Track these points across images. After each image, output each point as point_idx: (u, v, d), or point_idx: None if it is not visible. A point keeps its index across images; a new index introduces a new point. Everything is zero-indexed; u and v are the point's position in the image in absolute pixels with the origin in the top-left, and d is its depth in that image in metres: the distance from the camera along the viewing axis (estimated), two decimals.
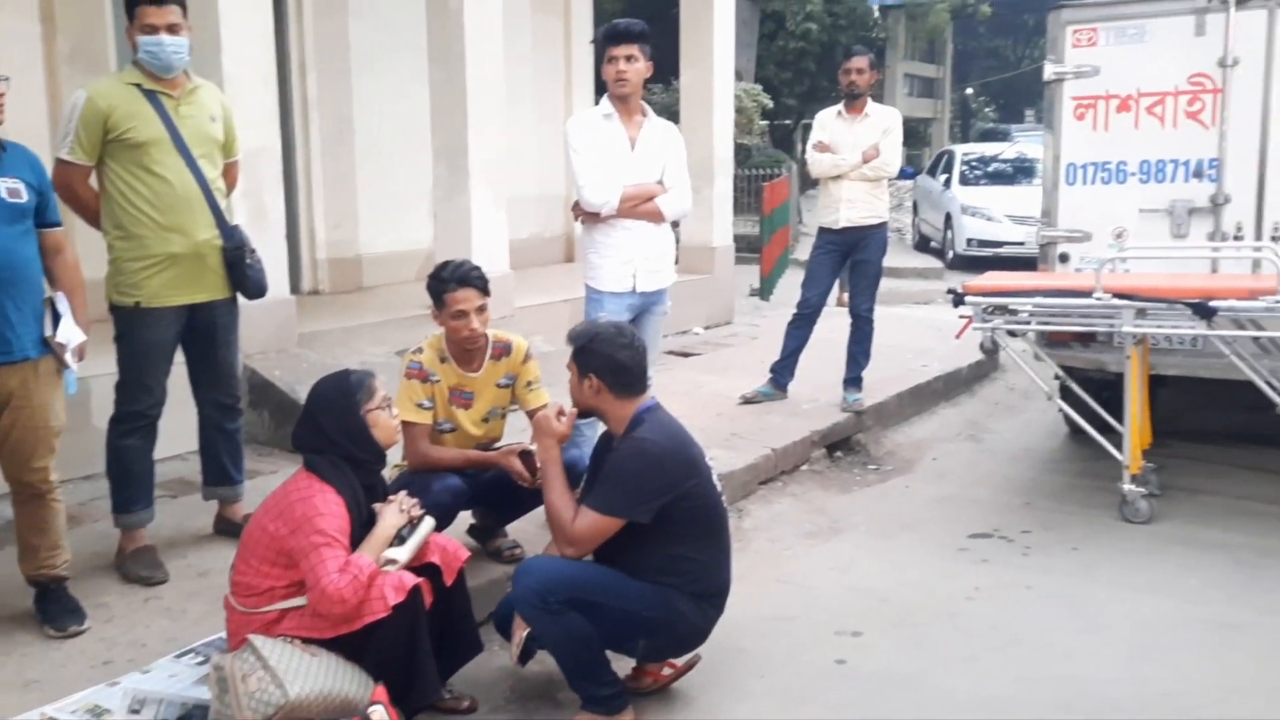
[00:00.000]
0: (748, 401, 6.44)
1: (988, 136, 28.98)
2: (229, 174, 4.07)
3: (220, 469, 4.18)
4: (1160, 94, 5.32)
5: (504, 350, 3.89)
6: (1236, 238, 5.23)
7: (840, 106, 6.37)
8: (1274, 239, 5.09)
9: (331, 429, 3.00)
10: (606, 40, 4.35)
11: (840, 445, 6.11)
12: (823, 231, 6.43)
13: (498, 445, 3.96)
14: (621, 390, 3.21)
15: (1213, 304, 4.46)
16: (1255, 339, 4.80)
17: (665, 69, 11.05)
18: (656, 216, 4.50)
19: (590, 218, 4.47)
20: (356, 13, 7.98)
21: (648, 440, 3.14)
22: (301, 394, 3.97)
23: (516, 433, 4.10)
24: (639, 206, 4.44)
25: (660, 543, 3.12)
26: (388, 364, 5.59)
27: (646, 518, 3.08)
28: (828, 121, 6.42)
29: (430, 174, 6.95)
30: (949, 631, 3.84)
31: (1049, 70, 5.57)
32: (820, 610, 4.02)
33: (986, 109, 40.49)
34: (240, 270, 3.93)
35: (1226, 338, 4.65)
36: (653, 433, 3.16)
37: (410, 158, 7.88)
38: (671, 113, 10.07)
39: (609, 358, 3.19)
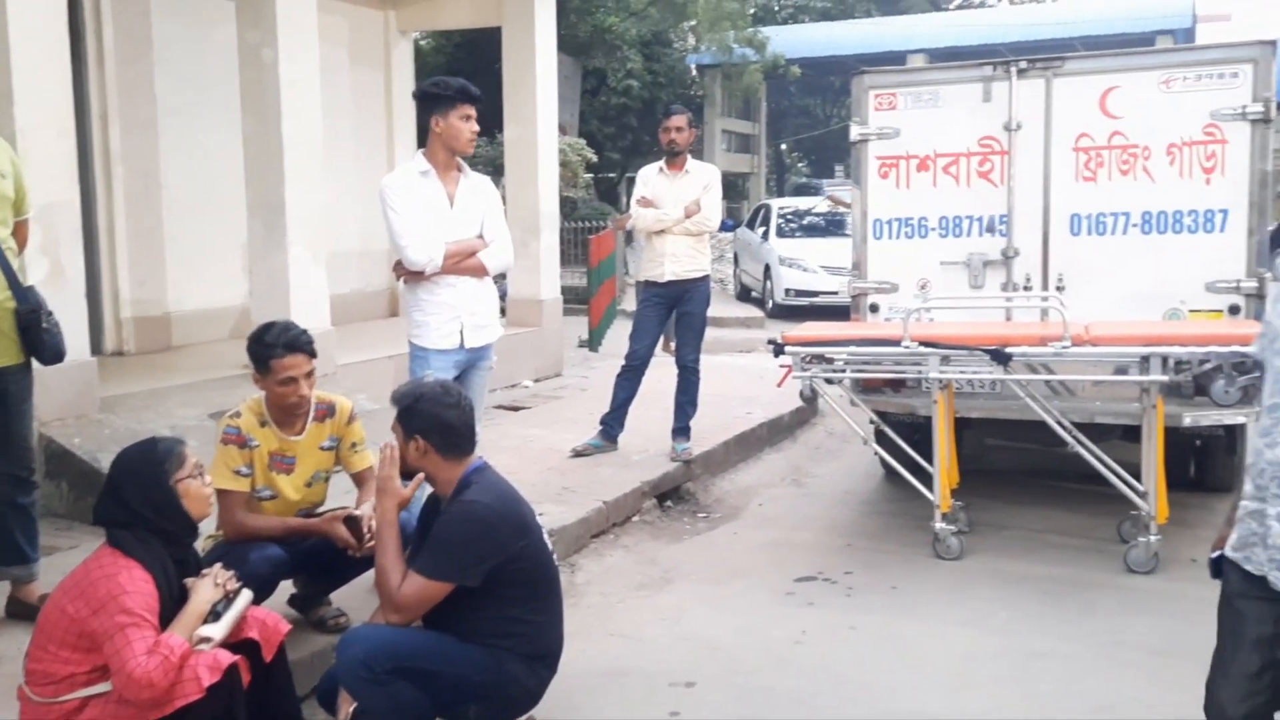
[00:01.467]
0: (578, 454, 6.46)
1: (801, 191, 30.21)
2: (19, 232, 3.84)
3: (12, 546, 3.86)
4: (955, 155, 5.70)
5: (327, 411, 3.78)
6: (1026, 288, 5.63)
7: (661, 163, 6.54)
8: (1058, 289, 5.49)
9: (137, 501, 2.84)
10: (458, 98, 4.28)
11: (670, 495, 6.19)
12: (648, 285, 6.55)
13: (321, 511, 3.83)
14: (449, 451, 3.16)
15: (1008, 350, 4.78)
16: (1046, 382, 5.17)
17: (489, 123, 11.09)
18: (480, 271, 4.47)
19: (413, 276, 4.40)
20: (163, 61, 7.69)
21: (477, 503, 3.09)
22: (104, 462, 3.74)
23: (340, 495, 3.97)
24: (462, 263, 4.40)
25: (491, 605, 3.07)
26: (201, 427, 5.34)
27: (475, 581, 3.04)
28: (650, 177, 6.58)
29: (244, 227, 6.71)
30: (779, 676, 3.92)
31: (855, 131, 5.88)
32: (653, 662, 4.03)
33: (800, 164, 42.22)
34: (35, 334, 3.70)
35: (1021, 381, 4.98)
36: (482, 495, 3.11)
37: (222, 211, 7.61)
38: (496, 166, 10.14)
39: (435, 418, 3.14)
